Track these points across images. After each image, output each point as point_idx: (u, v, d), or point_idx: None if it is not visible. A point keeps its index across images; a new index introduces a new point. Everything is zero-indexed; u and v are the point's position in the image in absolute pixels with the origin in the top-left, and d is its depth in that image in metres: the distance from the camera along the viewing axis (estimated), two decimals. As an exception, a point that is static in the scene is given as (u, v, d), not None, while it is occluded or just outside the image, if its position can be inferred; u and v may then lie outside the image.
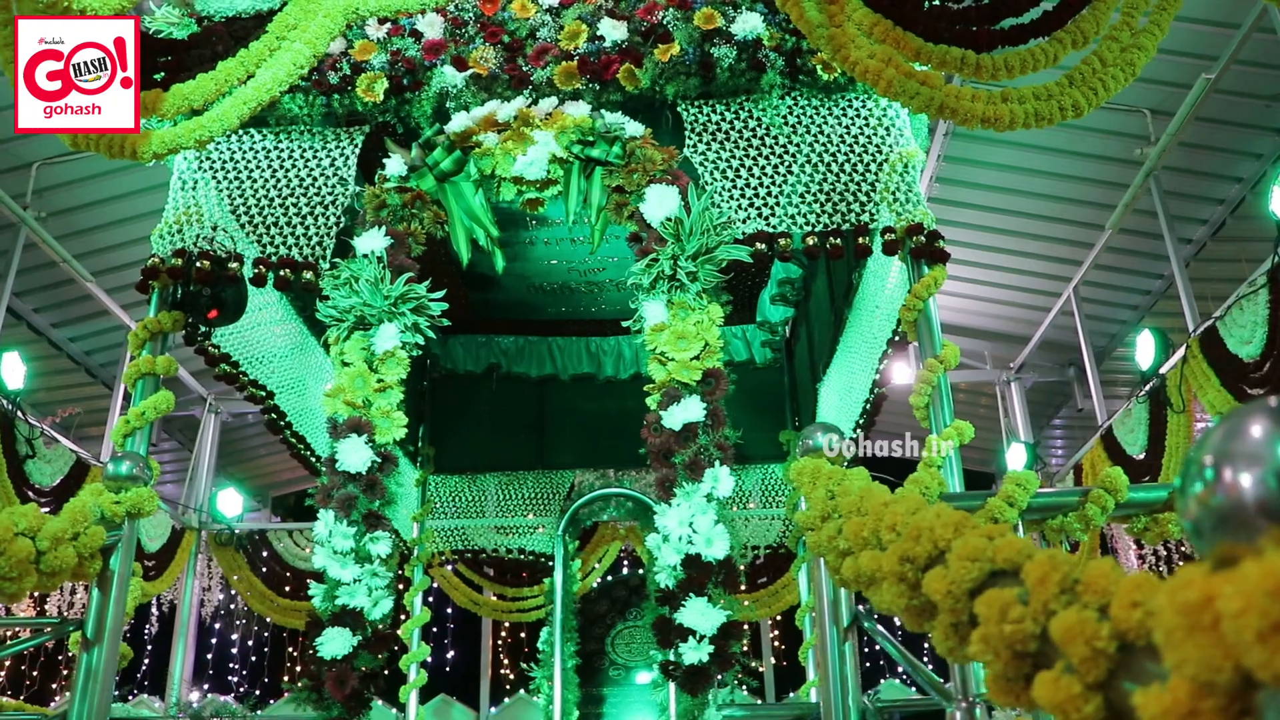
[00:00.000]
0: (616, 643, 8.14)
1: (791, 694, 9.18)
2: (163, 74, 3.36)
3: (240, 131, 4.28)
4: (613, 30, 4.21)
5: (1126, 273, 7.49)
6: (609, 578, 8.57)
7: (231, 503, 8.74)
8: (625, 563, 9.02)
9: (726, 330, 6.87)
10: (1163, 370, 5.74)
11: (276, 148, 4.30)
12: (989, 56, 3.18)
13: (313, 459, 5.69)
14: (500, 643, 10.08)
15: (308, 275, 4.05)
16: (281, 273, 4.06)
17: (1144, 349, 6.08)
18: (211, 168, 4.27)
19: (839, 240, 3.98)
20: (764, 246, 3.95)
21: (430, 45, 4.24)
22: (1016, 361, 8.58)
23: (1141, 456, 5.93)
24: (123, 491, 2.79)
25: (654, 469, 3.62)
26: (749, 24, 4.13)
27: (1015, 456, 7.85)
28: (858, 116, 4.20)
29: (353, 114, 4.28)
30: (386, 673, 3.59)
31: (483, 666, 9.62)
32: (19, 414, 5.89)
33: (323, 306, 3.88)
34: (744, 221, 3.99)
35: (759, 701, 9.27)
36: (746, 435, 7.19)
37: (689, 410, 3.59)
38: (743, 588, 9.61)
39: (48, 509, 6.37)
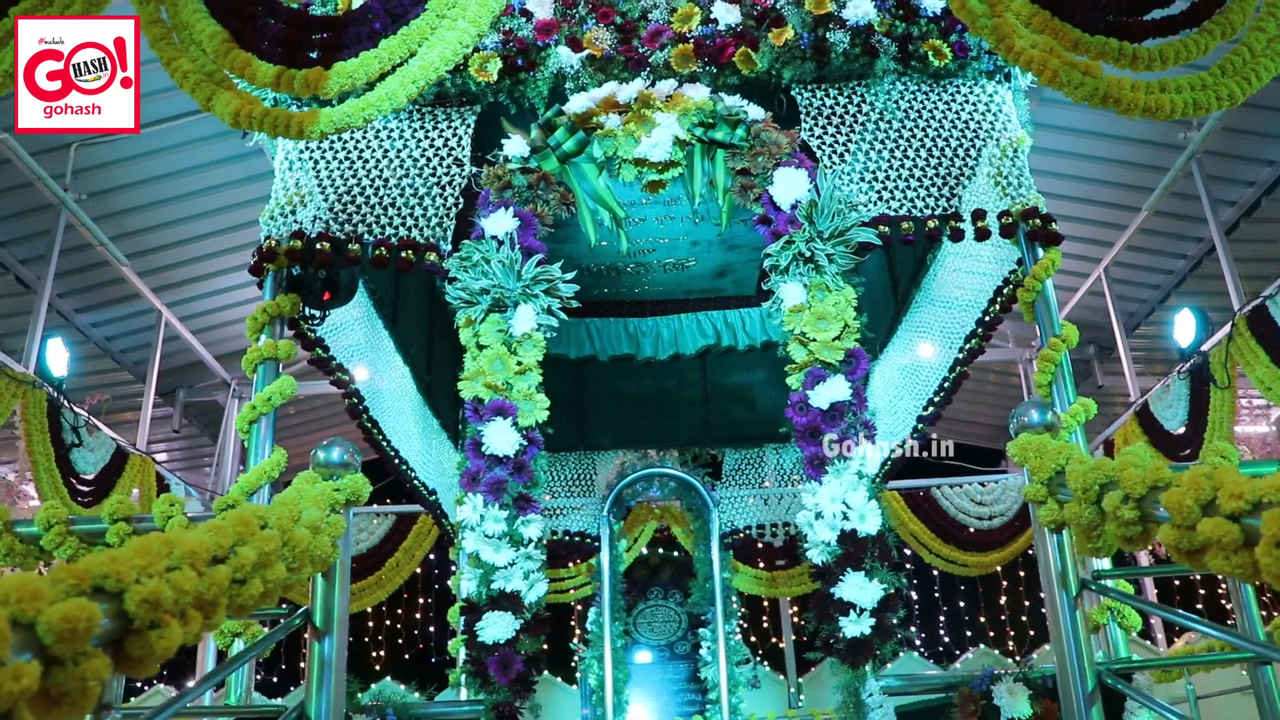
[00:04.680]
0: (639, 622, 8.24)
1: (814, 669, 9.34)
2: (318, 52, 3.30)
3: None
4: (726, 13, 4.24)
5: (1150, 253, 7.75)
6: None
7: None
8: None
9: (763, 310, 6.97)
10: (1205, 347, 5.98)
11: (386, 128, 4.24)
12: (1144, 48, 3.28)
13: (383, 442, 5.63)
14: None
15: (431, 257, 4.02)
16: (403, 254, 4.02)
17: (1183, 327, 6.31)
18: (319, 148, 4.20)
19: (959, 223, 4.08)
20: (887, 229, 4.02)
21: (542, 25, 4.21)
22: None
23: (1181, 431, 6.17)
24: (337, 478, 2.77)
25: (801, 448, 3.67)
26: (860, 9, 4.19)
27: (1041, 433, 8.06)
28: (966, 102, 4.30)
29: (465, 94, 4.24)
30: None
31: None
32: (64, 402, 5.72)
33: (451, 289, 3.85)
34: (871, 205, 4.06)
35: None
36: (786, 414, 7.30)
37: (835, 389, 3.64)
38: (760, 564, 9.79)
39: (90, 499, 6.22)
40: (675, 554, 8.61)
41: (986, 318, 4.73)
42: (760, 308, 6.92)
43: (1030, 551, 8.46)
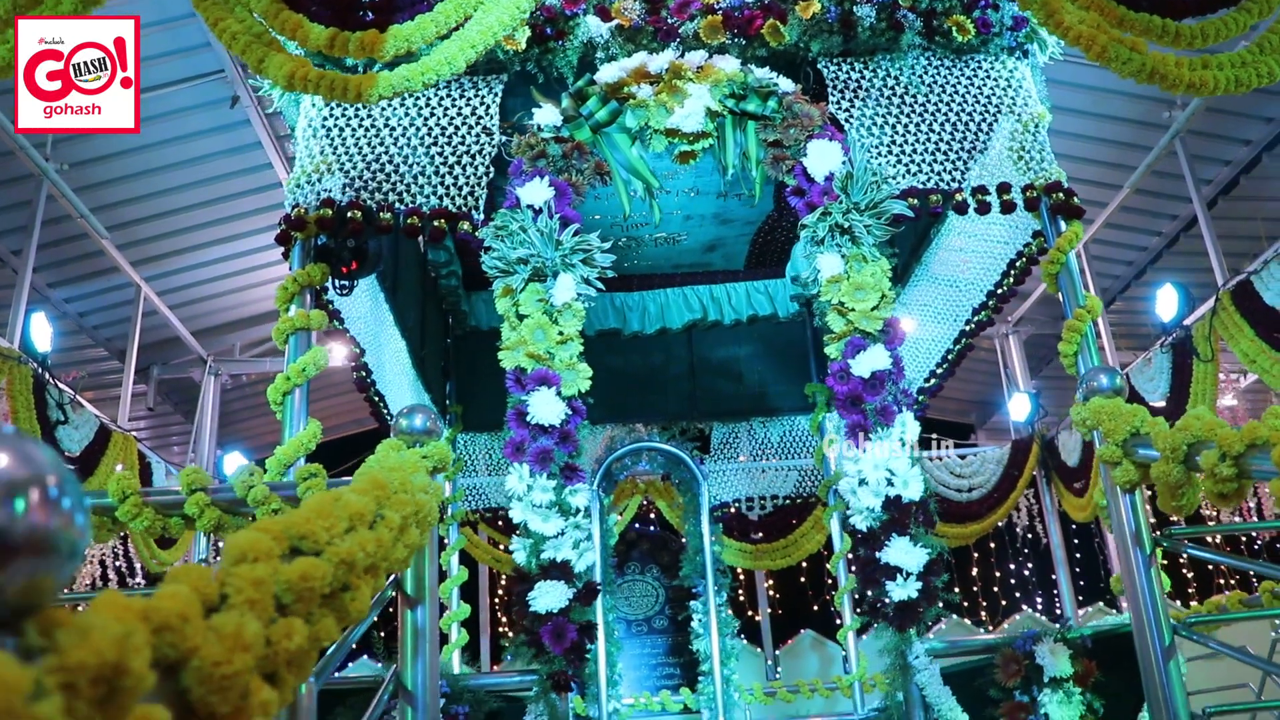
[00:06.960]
0: (617, 596, 8.25)
1: (790, 641, 9.49)
2: (370, 13, 3.23)
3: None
4: (753, -15, 4.24)
5: (1127, 229, 7.95)
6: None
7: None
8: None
9: (749, 285, 7.02)
10: (1187, 321, 6.18)
11: (412, 95, 4.15)
12: (1186, 25, 3.37)
13: (386, 415, 5.56)
14: (498, 601, 10.04)
15: (464, 226, 3.96)
16: (436, 223, 3.96)
17: (1164, 302, 6.50)
18: (343, 115, 4.11)
19: (986, 196, 4.15)
20: (917, 201, 4.08)
21: (570, -7, 4.17)
22: (1015, 315, 9.01)
23: (1162, 404, 6.37)
24: (421, 446, 2.73)
25: (843, 416, 3.71)
26: (885, -18, 4.23)
27: (1018, 406, 8.29)
28: (988, 78, 4.37)
29: (492, 62, 4.18)
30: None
31: (481, 625, 9.57)
32: (50, 379, 5.52)
33: (487, 258, 3.81)
34: (902, 178, 4.11)
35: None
36: (771, 388, 7.35)
37: (876, 358, 3.69)
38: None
39: (74, 477, 6.01)
40: (651, 529, 8.66)
41: (999, 290, 4.83)
42: (747, 283, 6.97)
43: (1000, 524, 8.69)
